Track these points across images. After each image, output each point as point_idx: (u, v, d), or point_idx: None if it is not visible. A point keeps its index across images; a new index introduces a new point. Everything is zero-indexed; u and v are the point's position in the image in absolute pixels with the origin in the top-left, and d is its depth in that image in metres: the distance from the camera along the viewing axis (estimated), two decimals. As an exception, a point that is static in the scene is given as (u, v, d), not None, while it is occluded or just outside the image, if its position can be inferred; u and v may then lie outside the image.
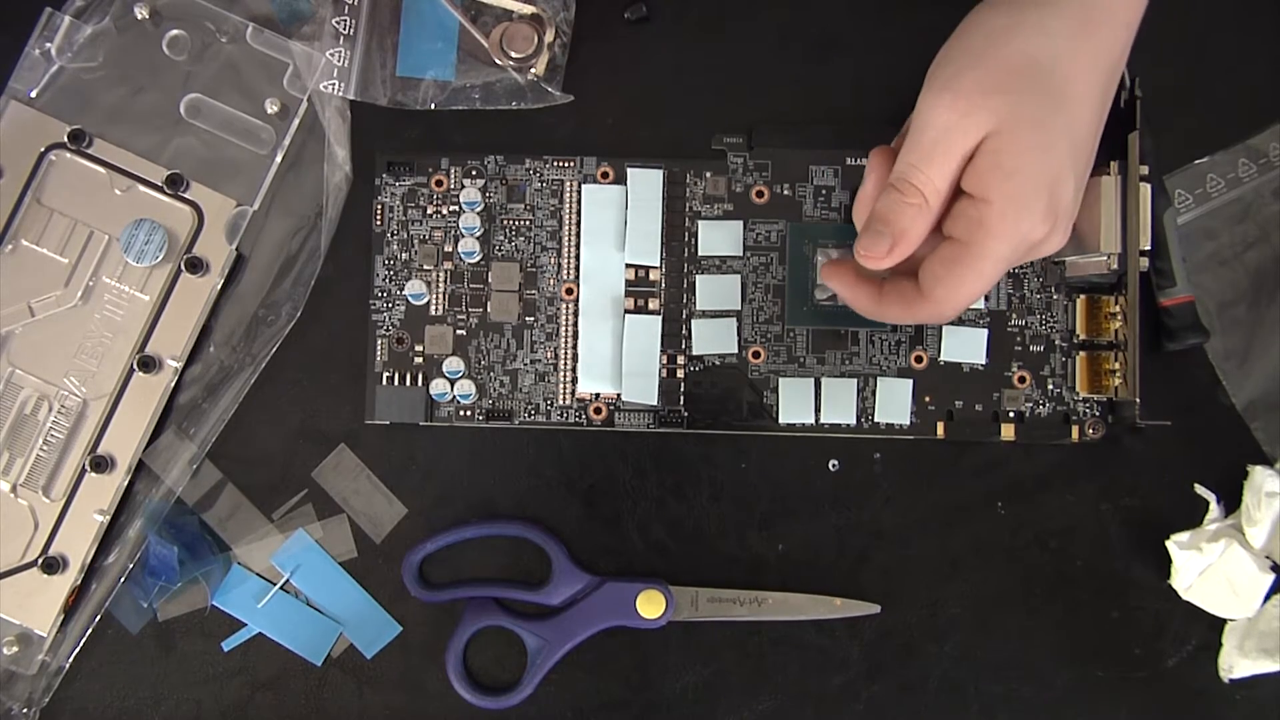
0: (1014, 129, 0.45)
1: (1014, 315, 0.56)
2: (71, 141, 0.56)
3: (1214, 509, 0.55)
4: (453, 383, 0.56)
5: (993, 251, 0.46)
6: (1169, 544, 0.54)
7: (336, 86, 0.56)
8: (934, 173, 0.46)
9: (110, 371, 0.55)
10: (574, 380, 0.56)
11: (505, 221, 0.57)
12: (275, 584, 0.55)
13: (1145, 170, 0.52)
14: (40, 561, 0.54)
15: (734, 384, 0.56)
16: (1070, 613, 0.55)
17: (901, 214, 0.47)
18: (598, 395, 0.56)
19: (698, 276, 0.56)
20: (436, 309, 0.57)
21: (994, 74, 0.45)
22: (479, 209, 0.57)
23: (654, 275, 0.57)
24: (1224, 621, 0.55)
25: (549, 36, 0.56)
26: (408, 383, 0.56)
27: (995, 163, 0.45)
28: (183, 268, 0.56)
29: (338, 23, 0.57)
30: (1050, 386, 0.56)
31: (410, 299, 0.56)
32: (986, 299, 0.56)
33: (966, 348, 0.56)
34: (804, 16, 0.58)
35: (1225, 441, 0.56)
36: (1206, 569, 0.54)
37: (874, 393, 0.56)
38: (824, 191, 0.57)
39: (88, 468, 0.55)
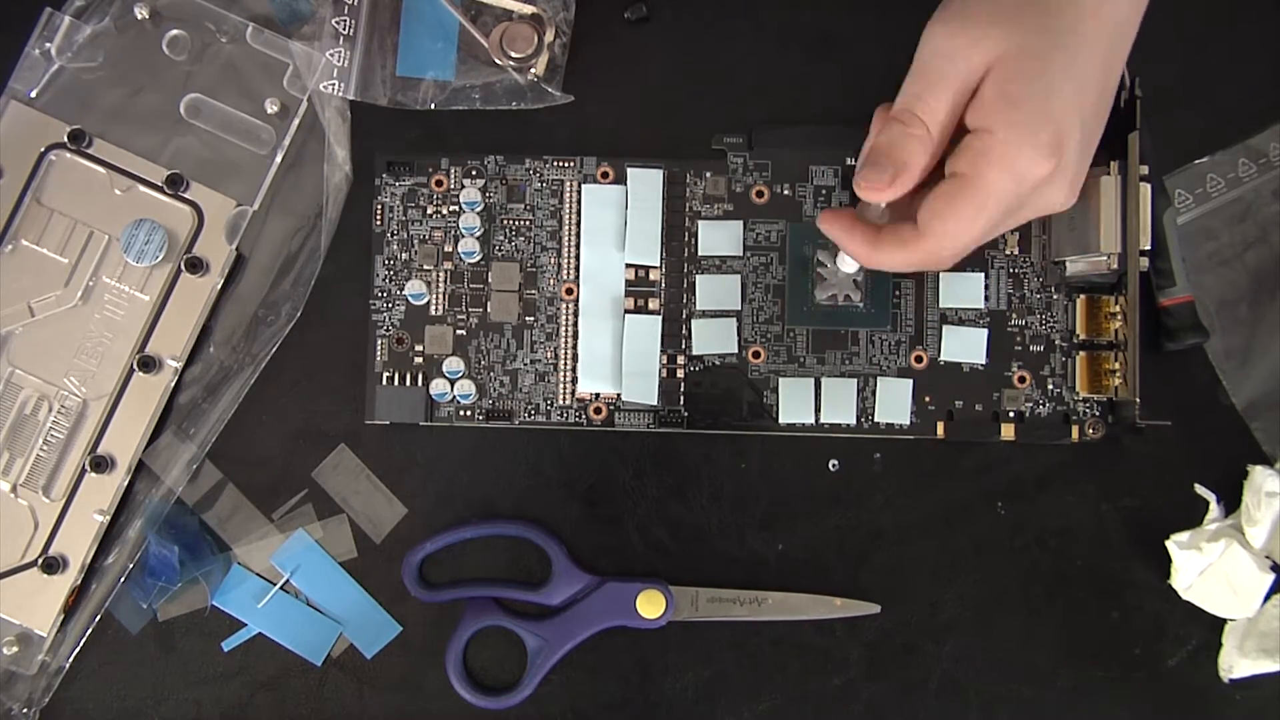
0: (1019, 59, 0.45)
1: (1014, 315, 0.56)
2: (71, 141, 0.56)
3: (1214, 509, 0.55)
4: (453, 383, 0.56)
5: (994, 183, 0.45)
6: (1169, 544, 0.54)
7: (336, 86, 0.56)
8: (937, 102, 0.46)
9: (110, 371, 0.55)
10: (574, 380, 0.56)
11: (505, 221, 0.57)
12: (275, 584, 0.55)
13: (1145, 170, 0.52)
14: (40, 561, 0.54)
15: (734, 384, 0.56)
16: (1070, 613, 0.55)
17: (904, 145, 0.46)
18: (598, 395, 0.56)
19: (698, 276, 0.56)
20: (436, 309, 0.57)
21: (1001, 4, 0.45)
22: (479, 209, 0.57)
23: (654, 275, 0.57)
24: (1224, 621, 0.55)
25: (549, 36, 0.56)
26: (408, 383, 0.56)
27: (999, 91, 0.45)
28: (183, 268, 0.56)
29: (338, 23, 0.57)
30: (1050, 386, 0.56)
31: (410, 299, 0.56)
32: (987, 299, 0.56)
33: (966, 348, 0.56)
34: (804, 16, 0.58)
35: (1225, 441, 0.56)
36: (1206, 569, 0.54)
37: (874, 393, 0.56)
38: (824, 191, 0.57)
39: (88, 468, 0.55)
